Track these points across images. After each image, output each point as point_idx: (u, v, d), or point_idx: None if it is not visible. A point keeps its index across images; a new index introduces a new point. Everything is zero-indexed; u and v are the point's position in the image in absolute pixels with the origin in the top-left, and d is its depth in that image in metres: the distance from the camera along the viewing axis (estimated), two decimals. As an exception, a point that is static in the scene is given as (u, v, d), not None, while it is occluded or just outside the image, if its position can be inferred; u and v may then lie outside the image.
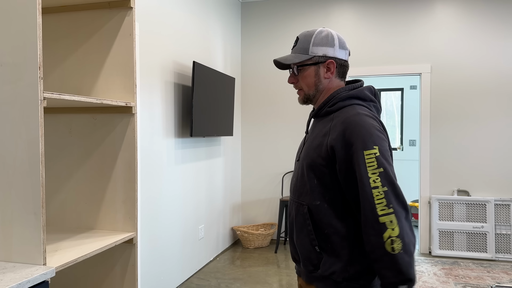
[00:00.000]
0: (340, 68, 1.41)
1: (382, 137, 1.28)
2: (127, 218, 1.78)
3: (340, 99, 1.37)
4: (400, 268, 1.18)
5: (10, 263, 1.32)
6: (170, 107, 3.51)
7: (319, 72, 1.40)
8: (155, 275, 3.30)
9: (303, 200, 1.37)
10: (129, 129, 1.77)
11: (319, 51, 1.38)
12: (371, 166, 1.22)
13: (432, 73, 4.62)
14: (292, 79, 1.44)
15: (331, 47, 1.38)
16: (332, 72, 1.40)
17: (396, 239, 1.18)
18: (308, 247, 1.36)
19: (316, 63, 1.39)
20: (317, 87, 1.41)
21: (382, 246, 1.19)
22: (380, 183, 1.21)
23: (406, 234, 1.19)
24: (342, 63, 1.41)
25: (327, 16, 4.90)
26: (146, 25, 3.14)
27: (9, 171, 1.32)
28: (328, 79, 1.41)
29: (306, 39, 1.40)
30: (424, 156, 4.63)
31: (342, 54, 1.41)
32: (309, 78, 1.41)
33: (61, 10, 1.84)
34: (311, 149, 1.36)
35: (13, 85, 1.30)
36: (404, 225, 1.20)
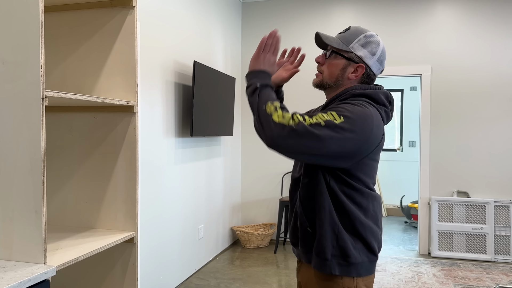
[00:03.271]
0: (366, 77, 1.41)
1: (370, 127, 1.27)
2: (127, 218, 1.77)
3: (353, 95, 1.37)
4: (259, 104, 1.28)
5: (11, 261, 1.31)
6: (170, 106, 3.51)
7: (347, 68, 1.39)
8: (154, 275, 3.30)
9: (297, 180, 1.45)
10: (130, 128, 1.77)
11: (359, 50, 1.37)
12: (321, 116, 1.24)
13: (432, 74, 4.62)
14: (320, 59, 1.44)
15: (371, 55, 1.38)
16: (357, 75, 1.39)
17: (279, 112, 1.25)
18: (301, 229, 1.42)
19: (349, 59, 1.38)
20: (337, 80, 1.41)
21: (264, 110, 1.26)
22: (322, 120, 1.23)
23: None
24: (370, 74, 1.41)
25: (327, 17, 4.90)
26: (148, 25, 3.14)
27: (10, 169, 1.31)
28: (351, 80, 1.40)
29: (355, 33, 1.39)
30: (424, 157, 4.64)
31: (376, 67, 1.41)
32: (335, 68, 1.40)
33: (63, 9, 1.84)
34: None
35: (15, 83, 1.30)
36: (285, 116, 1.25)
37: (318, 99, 4.94)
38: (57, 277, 1.86)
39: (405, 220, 6.25)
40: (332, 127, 1.22)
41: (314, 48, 4.95)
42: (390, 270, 4.06)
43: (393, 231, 5.70)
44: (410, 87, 6.87)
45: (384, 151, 6.96)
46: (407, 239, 5.29)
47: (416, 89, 6.84)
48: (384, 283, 3.68)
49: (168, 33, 3.45)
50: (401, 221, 6.36)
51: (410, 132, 6.85)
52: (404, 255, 4.57)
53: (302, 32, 4.99)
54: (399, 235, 5.47)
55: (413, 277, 3.85)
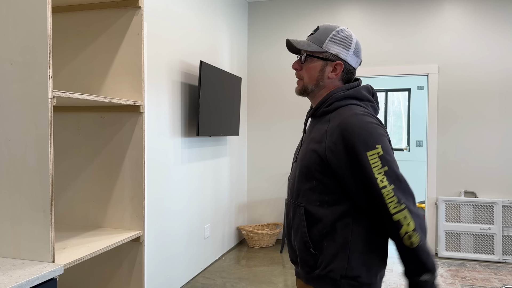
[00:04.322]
0: (346, 73, 1.38)
1: (382, 133, 1.27)
2: (134, 217, 1.78)
3: (336, 99, 1.34)
4: (420, 260, 1.22)
5: (19, 260, 1.33)
6: (176, 106, 3.52)
7: (325, 68, 1.36)
8: (161, 274, 3.31)
9: (300, 201, 1.36)
10: (137, 128, 1.78)
11: (333, 48, 1.35)
12: (376, 167, 1.22)
13: (440, 73, 4.60)
14: (297, 65, 1.41)
15: (346, 50, 1.36)
16: (337, 73, 1.37)
17: (413, 233, 1.20)
18: (303, 249, 1.35)
19: (325, 59, 1.36)
20: (318, 83, 1.38)
21: (401, 242, 1.22)
22: (387, 181, 1.21)
23: (420, 226, 1.22)
24: (350, 69, 1.38)
25: (334, 16, 4.89)
26: (154, 25, 3.15)
27: (18, 169, 1.33)
28: (332, 79, 1.37)
29: (325, 32, 1.37)
30: (431, 157, 4.61)
31: (353, 61, 1.38)
32: (313, 70, 1.37)
33: (70, 9, 1.85)
34: (309, 151, 1.34)
35: (23, 83, 1.31)
36: (416, 217, 1.22)
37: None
38: (64, 275, 1.87)
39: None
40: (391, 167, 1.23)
41: (320, 47, 4.93)
42: (396, 270, 4.04)
43: (399, 231, 5.67)
44: (417, 87, 6.83)
45: (391, 151, 6.93)
46: (414, 239, 5.27)
47: (423, 88, 6.80)
48: (391, 283, 3.67)
49: (174, 33, 3.46)
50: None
51: (417, 131, 6.82)
52: (411, 255, 4.55)
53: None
54: (406, 235, 5.45)
55: (420, 278, 3.83)
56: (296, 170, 1.40)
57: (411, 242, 1.21)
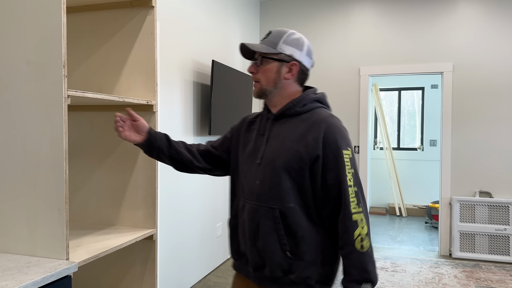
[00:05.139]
0: (301, 74, 1.41)
1: (351, 140, 1.33)
2: (147, 215, 1.80)
3: (308, 101, 1.39)
4: (365, 267, 1.26)
5: (35, 257, 1.35)
6: (189, 105, 3.54)
7: (281, 70, 1.38)
8: (173, 272, 3.33)
9: (273, 204, 1.33)
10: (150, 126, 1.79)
11: (287, 49, 1.38)
12: (347, 166, 1.30)
13: (454, 72, 4.54)
14: (253, 68, 1.42)
15: (299, 51, 1.39)
16: (293, 74, 1.39)
17: (366, 237, 1.27)
18: (279, 253, 1.33)
19: (280, 60, 1.38)
20: (276, 84, 1.39)
21: (352, 244, 1.26)
22: (352, 182, 1.29)
23: (370, 234, 1.29)
24: (304, 70, 1.41)
25: (347, 15, 4.86)
26: (166, 24, 3.17)
27: (34, 167, 1.35)
28: (288, 80, 1.39)
29: (278, 35, 1.39)
30: (445, 157, 4.55)
31: (307, 61, 1.42)
32: (269, 72, 1.39)
33: (84, 10, 1.87)
34: (284, 150, 1.33)
35: (38, 83, 1.33)
36: (368, 224, 1.29)
37: (336, 97, 4.88)
38: (78, 273, 1.90)
39: (426, 221, 6.16)
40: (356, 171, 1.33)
41: (331, 46, 4.91)
42: (410, 271, 4.01)
43: (413, 232, 5.62)
44: (431, 85, 6.75)
45: (405, 150, 6.87)
46: (428, 239, 5.21)
47: (437, 87, 6.72)
48: (404, 284, 3.64)
49: (187, 32, 3.47)
50: (421, 221, 6.27)
51: (431, 131, 6.74)
52: (424, 256, 4.50)
53: (320, 31, 4.96)
54: (419, 236, 5.39)
55: (433, 278, 3.79)
56: (262, 171, 1.37)
57: (362, 245, 1.26)
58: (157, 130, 1.78)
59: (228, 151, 1.55)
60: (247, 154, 1.44)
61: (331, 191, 1.30)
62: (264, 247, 1.35)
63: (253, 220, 1.37)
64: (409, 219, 6.40)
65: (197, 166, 1.53)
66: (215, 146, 1.57)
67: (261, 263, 1.38)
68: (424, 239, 5.22)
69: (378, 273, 3.92)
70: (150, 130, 1.48)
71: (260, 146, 1.41)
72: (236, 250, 1.48)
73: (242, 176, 1.44)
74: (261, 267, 1.38)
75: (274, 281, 1.36)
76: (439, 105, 6.67)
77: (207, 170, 1.56)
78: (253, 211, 1.37)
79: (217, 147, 1.57)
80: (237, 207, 1.47)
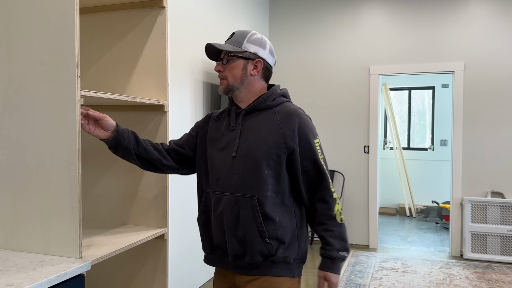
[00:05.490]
0: (265, 71, 1.50)
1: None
2: (158, 214, 1.81)
3: (277, 95, 1.50)
4: (344, 237, 1.44)
5: (49, 255, 1.36)
6: (198, 105, 3.55)
7: (247, 67, 1.47)
8: (183, 271, 3.35)
9: (252, 193, 1.41)
10: (161, 126, 1.80)
11: (251, 48, 1.47)
12: (319, 152, 1.45)
13: (466, 71, 4.49)
14: (220, 67, 1.49)
15: (263, 49, 1.49)
16: (258, 70, 1.48)
17: (342, 212, 1.46)
18: (258, 240, 1.41)
19: (246, 58, 1.46)
20: (242, 81, 1.47)
21: (334, 218, 1.43)
22: (324, 166, 1.45)
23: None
24: (268, 67, 1.51)
25: (356, 14, 4.84)
26: (176, 24, 3.18)
27: (48, 167, 1.36)
28: (254, 76, 1.48)
29: (242, 35, 1.48)
30: (457, 157, 4.51)
31: (270, 59, 1.51)
32: (236, 69, 1.46)
33: (96, 10, 1.88)
34: (261, 141, 1.42)
35: (52, 83, 1.34)
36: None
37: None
38: (90, 271, 1.91)
39: (436, 221, 6.11)
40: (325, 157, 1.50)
41: (340, 46, 4.89)
42: (420, 271, 3.98)
43: (423, 232, 5.58)
44: (441, 85, 6.70)
45: (415, 150, 6.82)
46: (438, 240, 5.17)
47: (448, 86, 6.66)
48: (414, 285, 3.61)
49: (196, 32, 3.49)
50: (432, 221, 6.22)
51: (442, 130, 6.68)
52: (435, 257, 4.47)
53: (330, 31, 4.94)
54: (430, 236, 5.35)
55: (444, 279, 3.76)
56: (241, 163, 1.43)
57: (341, 218, 1.45)
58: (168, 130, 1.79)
59: (194, 148, 1.58)
60: (217, 149, 1.50)
61: (309, 175, 1.44)
62: (245, 236, 1.42)
63: (232, 211, 1.43)
64: (419, 220, 6.35)
65: (165, 165, 1.54)
66: (180, 144, 1.59)
67: (242, 251, 1.44)
68: (435, 240, 5.18)
69: (388, 273, 3.90)
70: (118, 127, 1.45)
71: (233, 140, 1.46)
72: (210, 244, 1.53)
73: (214, 171, 1.49)
74: (241, 256, 1.45)
75: (255, 267, 1.45)
76: (450, 105, 6.61)
77: (174, 169, 1.58)
78: (232, 202, 1.43)
79: (182, 145, 1.59)
80: (207, 202, 1.52)
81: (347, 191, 4.91)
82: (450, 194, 4.56)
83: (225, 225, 1.45)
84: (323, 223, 1.44)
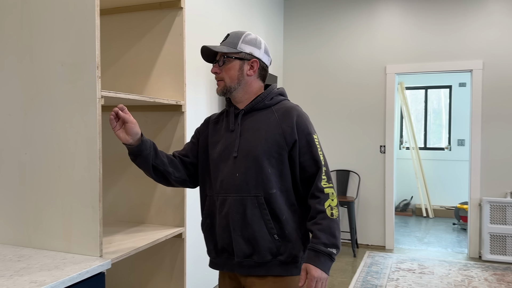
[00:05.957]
0: (261, 70, 1.52)
1: None
2: (176, 213, 1.82)
3: (274, 94, 1.52)
4: (333, 232, 1.39)
5: (70, 254, 1.38)
6: (214, 105, 3.56)
7: (243, 67, 1.48)
8: (199, 271, 3.36)
9: (257, 192, 1.43)
10: (179, 126, 1.81)
11: (246, 48, 1.48)
12: (318, 148, 1.45)
13: (484, 69, 4.42)
14: (216, 69, 1.49)
15: (258, 49, 1.50)
16: (254, 70, 1.49)
17: (335, 208, 1.42)
18: (267, 237, 1.43)
19: (241, 58, 1.47)
20: (239, 81, 1.48)
21: (323, 211, 1.40)
22: (323, 162, 1.45)
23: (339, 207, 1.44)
24: (264, 66, 1.53)
25: (372, 13, 4.80)
26: (191, 24, 3.20)
27: (69, 166, 1.38)
28: (250, 76, 1.49)
29: (237, 36, 1.49)
30: (475, 157, 4.44)
31: (265, 59, 1.53)
32: (232, 70, 1.47)
33: (115, 12, 1.91)
34: (261, 140, 1.43)
35: (73, 84, 1.36)
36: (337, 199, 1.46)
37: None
38: (109, 269, 1.94)
39: (454, 222, 6.03)
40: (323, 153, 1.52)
41: (356, 45, 4.86)
42: (438, 273, 3.93)
43: (440, 233, 5.50)
44: (459, 83, 6.60)
45: (431, 150, 6.74)
46: (456, 241, 5.10)
47: (465, 85, 6.56)
48: (432, 286, 3.57)
49: (211, 31, 3.50)
50: (449, 222, 6.14)
51: (459, 130, 6.58)
52: (453, 258, 4.41)
53: (345, 30, 4.91)
54: (447, 237, 5.28)
55: (462, 281, 3.70)
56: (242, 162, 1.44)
57: (332, 213, 1.41)
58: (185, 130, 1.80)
59: (197, 155, 1.58)
60: (219, 151, 1.50)
61: (307, 171, 1.44)
62: (253, 234, 1.43)
63: (237, 211, 1.44)
64: (436, 220, 6.27)
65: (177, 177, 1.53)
66: (184, 154, 1.58)
67: (249, 251, 1.45)
68: (452, 241, 5.10)
69: (405, 274, 3.86)
70: (143, 137, 1.44)
71: (234, 141, 1.47)
72: (214, 247, 1.53)
73: (217, 173, 1.49)
74: (249, 255, 1.45)
75: (263, 265, 1.45)
76: (467, 104, 6.51)
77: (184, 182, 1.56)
78: (237, 202, 1.44)
79: (186, 154, 1.58)
80: (211, 206, 1.51)
81: (362, 191, 4.88)
82: (468, 195, 4.49)
83: (231, 226, 1.45)
84: (313, 217, 1.42)
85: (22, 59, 1.43)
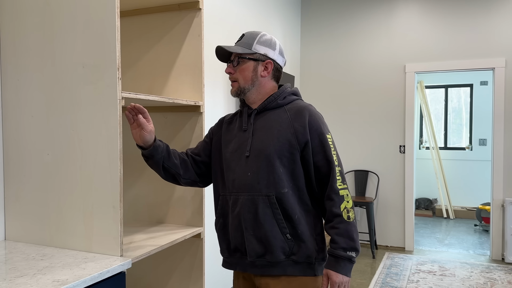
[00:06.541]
0: (275, 72, 1.52)
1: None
2: (195, 213, 1.83)
3: (287, 94, 1.51)
4: (351, 236, 1.38)
5: (91, 253, 1.40)
6: (232, 105, 3.57)
7: (257, 68, 1.47)
8: (217, 271, 3.37)
9: (268, 191, 1.42)
10: (197, 127, 1.82)
11: (261, 49, 1.47)
12: (332, 148, 1.44)
13: (507, 67, 4.32)
14: (230, 69, 1.49)
15: (272, 50, 1.50)
16: (268, 72, 1.49)
17: (351, 210, 1.41)
18: (280, 236, 1.42)
19: (256, 59, 1.47)
20: (253, 82, 1.48)
21: (340, 215, 1.39)
22: (337, 162, 1.44)
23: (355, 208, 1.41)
24: (278, 67, 1.52)
25: (391, 11, 4.74)
26: (210, 25, 3.21)
27: (90, 166, 1.40)
28: (264, 77, 1.49)
29: (252, 37, 1.49)
30: (498, 156, 4.34)
31: (280, 60, 1.52)
32: (247, 71, 1.47)
33: (134, 13, 1.92)
34: (273, 139, 1.42)
35: (94, 85, 1.38)
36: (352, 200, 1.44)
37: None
38: (128, 269, 1.95)
39: (475, 223, 5.90)
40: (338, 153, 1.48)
41: (374, 43, 4.80)
42: (459, 275, 3.85)
43: (461, 234, 5.40)
44: (480, 82, 6.46)
45: (452, 150, 6.61)
46: (478, 243, 4.99)
47: (487, 83, 6.42)
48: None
49: (229, 31, 3.51)
50: (470, 223, 6.02)
51: (480, 129, 6.45)
52: (475, 260, 4.32)
53: (363, 29, 4.86)
54: (469, 239, 5.18)
55: (485, 284, 3.62)
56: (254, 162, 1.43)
57: (349, 216, 1.39)
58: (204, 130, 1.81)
59: (209, 155, 1.59)
60: (232, 151, 1.50)
61: (321, 172, 1.43)
62: (265, 234, 1.42)
63: (249, 211, 1.43)
64: (457, 221, 6.16)
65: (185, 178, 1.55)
66: (197, 153, 1.59)
67: (262, 250, 1.44)
68: (474, 243, 5.00)
69: (425, 276, 3.80)
70: (156, 142, 1.46)
71: (246, 140, 1.47)
72: (227, 247, 1.52)
73: (229, 172, 1.49)
74: (262, 255, 1.44)
75: (276, 265, 1.44)
76: (489, 103, 6.37)
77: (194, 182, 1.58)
78: (248, 201, 1.43)
79: (199, 153, 1.59)
80: (224, 205, 1.51)
81: (382, 192, 4.82)
82: (491, 196, 4.39)
83: (243, 225, 1.45)
84: (330, 220, 1.42)
85: (44, 60, 1.46)
